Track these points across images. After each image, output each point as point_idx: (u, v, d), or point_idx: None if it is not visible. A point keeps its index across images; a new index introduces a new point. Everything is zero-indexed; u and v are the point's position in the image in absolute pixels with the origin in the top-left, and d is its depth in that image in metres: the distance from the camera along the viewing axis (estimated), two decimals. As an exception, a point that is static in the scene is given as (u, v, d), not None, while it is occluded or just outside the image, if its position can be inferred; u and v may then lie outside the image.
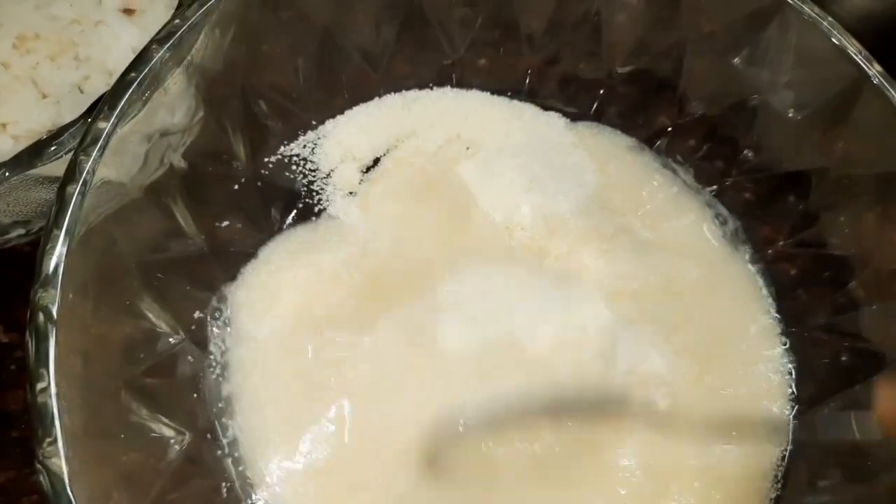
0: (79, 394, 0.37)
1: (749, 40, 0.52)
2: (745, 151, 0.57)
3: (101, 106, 0.39)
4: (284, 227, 0.56)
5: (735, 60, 0.53)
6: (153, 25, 0.57)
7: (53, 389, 0.35)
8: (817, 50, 0.48)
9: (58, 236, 0.37)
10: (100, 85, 0.56)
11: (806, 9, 0.48)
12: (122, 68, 0.55)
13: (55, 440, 0.34)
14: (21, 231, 0.49)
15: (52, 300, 0.36)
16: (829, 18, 0.47)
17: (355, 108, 0.58)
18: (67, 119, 0.54)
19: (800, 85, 0.51)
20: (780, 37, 0.50)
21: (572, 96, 0.60)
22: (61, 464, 0.34)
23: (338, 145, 0.57)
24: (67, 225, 0.37)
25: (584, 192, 0.57)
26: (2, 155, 0.54)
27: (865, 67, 0.46)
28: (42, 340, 0.35)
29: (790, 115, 0.52)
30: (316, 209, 0.56)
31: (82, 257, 0.38)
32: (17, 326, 0.60)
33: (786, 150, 0.54)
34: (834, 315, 0.54)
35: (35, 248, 0.60)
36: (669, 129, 0.59)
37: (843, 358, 0.53)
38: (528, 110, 0.60)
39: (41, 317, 0.35)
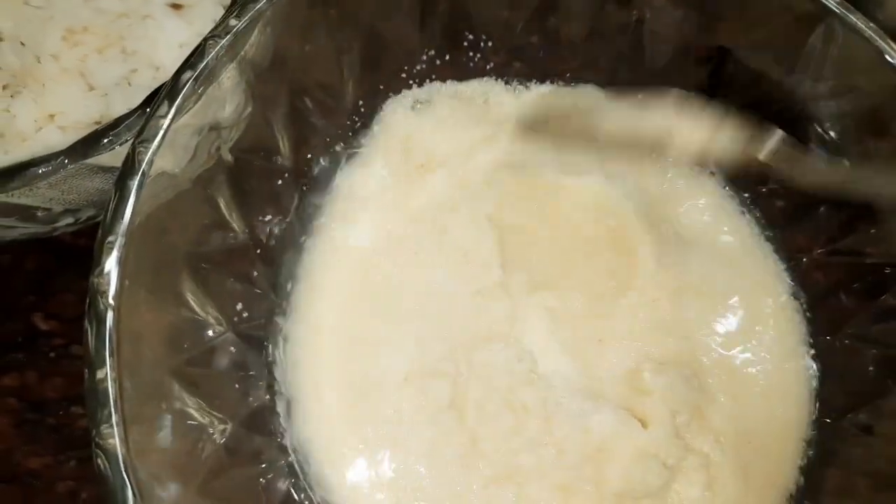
0: (130, 379, 0.38)
1: (791, 49, 0.52)
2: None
3: (160, 100, 0.40)
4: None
5: (776, 68, 0.54)
6: (200, 20, 0.58)
7: (111, 374, 0.35)
8: (860, 58, 0.48)
9: (117, 226, 0.37)
10: (147, 78, 0.57)
11: (850, 17, 0.48)
12: (168, 62, 0.58)
13: (112, 424, 0.35)
14: (70, 220, 0.50)
15: (110, 287, 0.36)
16: (873, 26, 0.48)
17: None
18: (115, 111, 0.55)
19: (841, 94, 0.51)
20: (823, 45, 0.50)
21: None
22: (117, 445, 0.35)
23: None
24: (127, 215, 0.38)
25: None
26: (49, 146, 0.55)
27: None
28: (101, 325, 0.36)
29: (830, 124, 0.53)
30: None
31: (137, 246, 0.39)
32: (57, 314, 0.61)
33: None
34: (868, 325, 0.54)
35: (76, 237, 0.62)
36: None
37: (870, 368, 0.54)
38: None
39: (100, 303, 0.36)
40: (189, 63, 0.41)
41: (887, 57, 0.47)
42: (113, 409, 0.35)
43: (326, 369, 0.52)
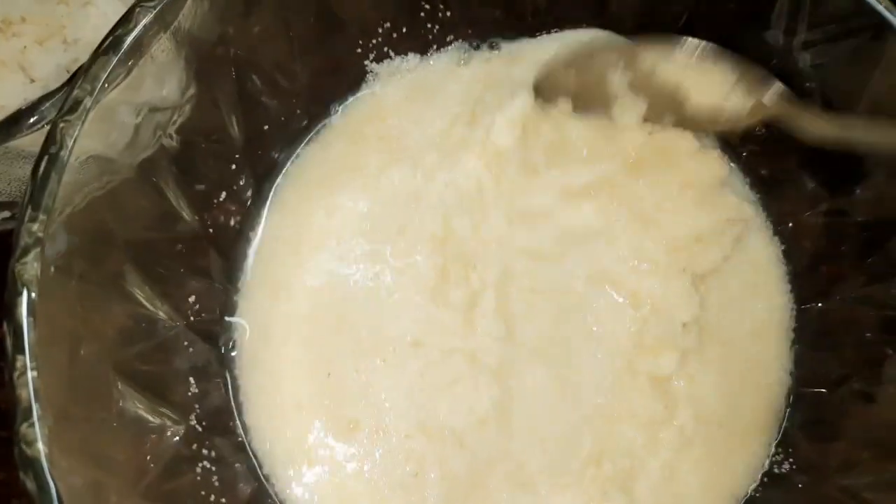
0: (64, 376, 0.35)
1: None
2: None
3: (82, 72, 0.37)
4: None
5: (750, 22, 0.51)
6: (143, 4, 0.55)
7: (31, 368, 0.32)
8: (836, 4, 0.46)
9: (37, 204, 0.34)
10: (88, 67, 0.54)
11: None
12: (111, 49, 0.54)
13: (33, 423, 0.31)
14: (6, 213, 0.47)
15: (31, 274, 0.33)
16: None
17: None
18: (56, 102, 0.52)
19: (818, 43, 0.49)
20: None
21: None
22: (39, 447, 0.31)
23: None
24: (47, 194, 0.35)
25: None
26: (-11, 141, 0.52)
27: (889, 18, 0.43)
28: (18, 315, 0.32)
29: (810, 75, 0.50)
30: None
31: (65, 232, 0.36)
32: (9, 320, 0.58)
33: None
34: (861, 287, 0.51)
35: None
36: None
37: (867, 334, 0.51)
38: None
39: (18, 290, 0.33)
40: (114, 31, 0.38)
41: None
42: (35, 407, 0.32)
43: (285, 364, 0.49)
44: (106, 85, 0.37)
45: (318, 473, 0.47)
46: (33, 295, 0.33)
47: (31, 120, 0.40)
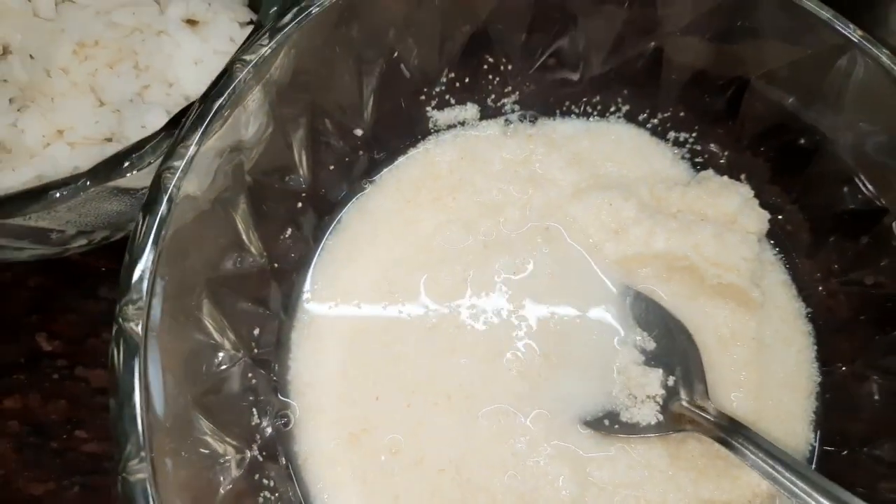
0: (159, 410, 0.37)
1: (812, 79, 0.52)
2: (798, 188, 0.57)
3: (189, 123, 0.39)
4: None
5: (794, 98, 0.54)
6: (216, 37, 0.57)
7: (141, 404, 0.34)
8: (882, 91, 0.49)
9: (145, 252, 0.36)
10: (160, 94, 0.56)
11: (873, 49, 0.48)
12: (182, 79, 0.56)
13: (142, 458, 0.34)
14: (83, 241, 0.49)
15: (139, 314, 0.35)
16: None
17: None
18: (126, 128, 0.54)
19: (861, 125, 0.51)
20: (844, 77, 0.51)
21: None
22: (147, 481, 0.33)
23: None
24: (153, 241, 0.37)
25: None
26: (57, 162, 0.54)
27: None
28: (130, 355, 0.34)
29: (849, 155, 0.53)
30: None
31: (162, 272, 0.38)
32: (61, 335, 0.59)
33: (842, 189, 0.54)
34: (881, 356, 0.54)
35: (82, 256, 0.61)
36: (722, 160, 0.59)
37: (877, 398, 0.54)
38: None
39: (128, 331, 0.35)
40: (217, 88, 0.40)
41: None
42: (143, 444, 0.34)
43: (331, 394, 0.52)
44: (207, 136, 0.40)
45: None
46: (140, 332, 0.35)
47: (128, 163, 0.42)
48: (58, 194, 0.41)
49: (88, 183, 0.41)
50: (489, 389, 0.53)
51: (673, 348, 0.53)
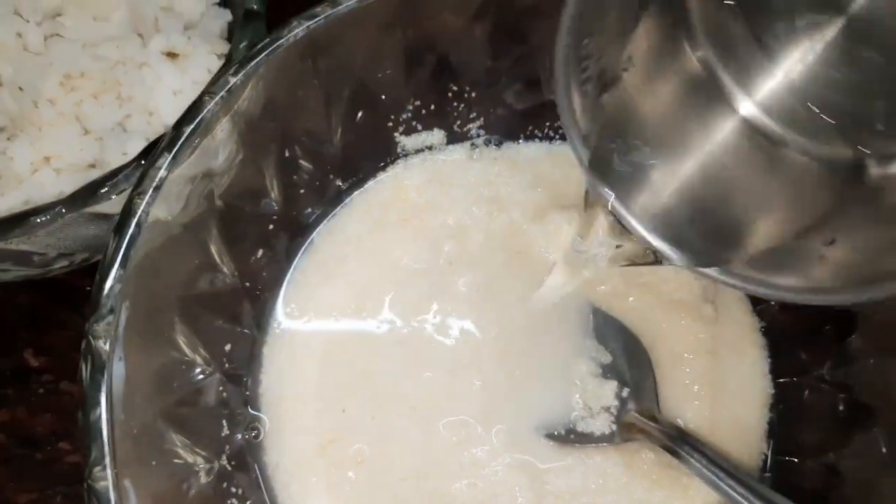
0: (123, 421, 0.40)
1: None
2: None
3: (158, 152, 0.42)
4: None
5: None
6: (194, 68, 0.60)
7: (105, 416, 0.37)
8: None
9: (113, 272, 0.39)
10: (140, 123, 0.59)
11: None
12: (162, 109, 0.60)
13: (105, 465, 0.36)
14: (64, 263, 0.52)
15: (107, 332, 0.38)
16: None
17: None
18: (108, 155, 0.57)
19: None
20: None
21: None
22: (109, 487, 0.36)
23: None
24: (121, 262, 0.40)
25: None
26: (44, 188, 0.57)
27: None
28: (97, 369, 0.37)
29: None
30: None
31: (132, 292, 0.41)
32: (48, 351, 0.62)
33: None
34: (832, 368, 0.56)
35: (70, 275, 0.64)
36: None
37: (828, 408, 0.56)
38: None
39: (96, 346, 0.38)
40: (186, 117, 0.43)
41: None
42: (107, 452, 0.37)
43: (301, 406, 0.55)
44: (176, 164, 0.43)
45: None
46: (108, 348, 0.38)
47: (104, 190, 0.45)
48: (38, 220, 0.44)
49: (65, 210, 0.44)
50: (452, 402, 0.55)
51: (627, 361, 0.56)
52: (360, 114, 0.57)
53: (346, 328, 0.57)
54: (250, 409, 0.54)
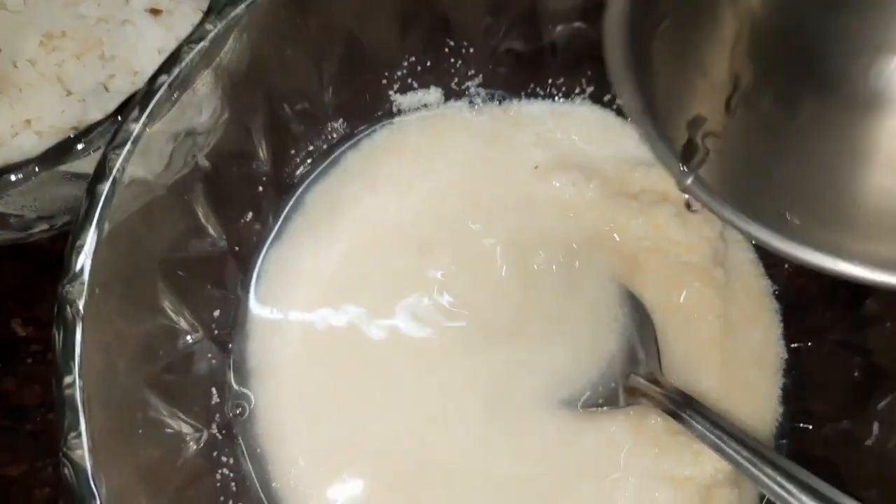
0: (102, 388, 0.38)
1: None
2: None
3: (133, 106, 0.40)
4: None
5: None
6: (179, 26, 0.58)
7: (79, 383, 0.35)
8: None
9: (87, 233, 0.37)
10: (125, 83, 0.57)
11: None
12: (147, 68, 0.57)
13: (80, 433, 0.34)
14: (45, 226, 0.50)
15: (80, 295, 0.36)
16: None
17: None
18: (92, 116, 0.55)
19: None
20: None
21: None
22: (85, 456, 0.34)
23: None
24: (97, 222, 0.38)
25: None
26: (25, 151, 0.55)
27: None
28: (69, 334, 0.35)
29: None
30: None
31: (109, 253, 0.39)
32: (35, 321, 0.61)
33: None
34: (847, 332, 0.54)
35: (54, 243, 0.62)
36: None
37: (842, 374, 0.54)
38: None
39: (68, 311, 0.36)
40: (163, 69, 0.41)
41: None
42: (81, 420, 0.35)
43: (290, 376, 0.53)
44: (153, 118, 0.40)
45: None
46: (80, 317, 0.36)
47: (80, 147, 0.43)
48: (11, 178, 0.42)
49: (37, 168, 0.42)
50: (453, 369, 0.53)
51: (630, 324, 0.54)
52: (352, 71, 0.55)
53: (338, 296, 0.55)
54: (238, 378, 0.52)
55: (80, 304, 0.36)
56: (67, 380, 0.35)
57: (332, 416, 0.52)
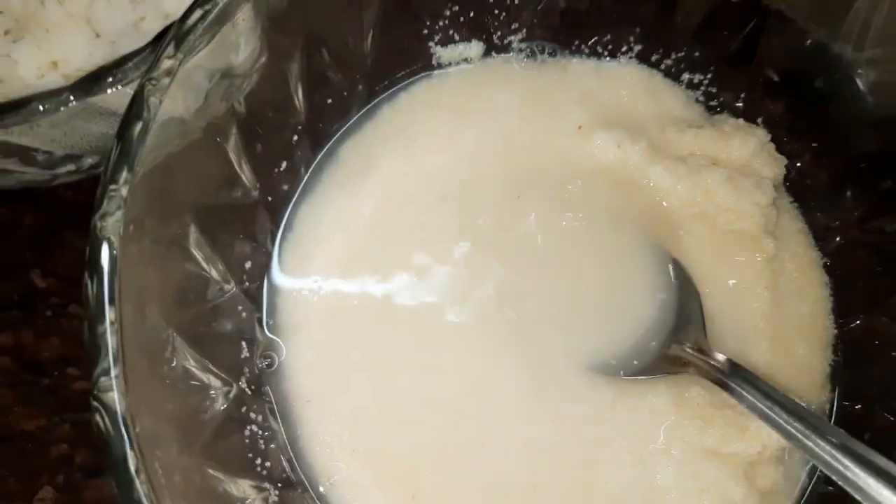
0: (133, 332, 0.36)
1: (833, 15, 0.49)
2: (816, 132, 0.54)
3: (171, 36, 0.37)
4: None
5: (814, 37, 0.51)
6: (213, -32, 0.55)
7: (112, 323, 0.33)
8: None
9: (124, 166, 0.35)
10: (156, 26, 0.54)
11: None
12: (178, 10, 0.54)
13: (111, 376, 0.32)
14: (71, 167, 0.48)
15: (114, 231, 0.34)
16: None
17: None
18: (121, 60, 0.52)
19: (884, 63, 0.49)
20: (867, 12, 0.48)
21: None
22: (116, 399, 0.32)
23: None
24: (132, 156, 0.35)
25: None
26: (52, 93, 0.52)
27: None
28: (102, 271, 0.33)
29: (870, 96, 0.50)
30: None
31: (144, 191, 0.37)
32: (54, 272, 0.59)
33: (863, 132, 0.52)
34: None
35: (78, 194, 0.60)
36: (738, 104, 0.57)
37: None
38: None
39: (104, 247, 0.33)
40: (200, 2, 0.39)
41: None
42: (112, 362, 0.33)
43: (319, 333, 0.51)
44: (192, 51, 0.38)
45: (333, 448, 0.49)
46: (115, 252, 0.34)
47: (112, 78, 0.41)
48: (41, 107, 0.40)
49: (70, 97, 0.39)
50: (487, 337, 0.51)
51: (675, 293, 0.51)
52: (393, 18, 0.52)
53: (370, 251, 0.52)
54: (268, 333, 0.50)
55: (116, 241, 0.34)
56: (101, 322, 0.33)
57: (364, 378, 0.50)
